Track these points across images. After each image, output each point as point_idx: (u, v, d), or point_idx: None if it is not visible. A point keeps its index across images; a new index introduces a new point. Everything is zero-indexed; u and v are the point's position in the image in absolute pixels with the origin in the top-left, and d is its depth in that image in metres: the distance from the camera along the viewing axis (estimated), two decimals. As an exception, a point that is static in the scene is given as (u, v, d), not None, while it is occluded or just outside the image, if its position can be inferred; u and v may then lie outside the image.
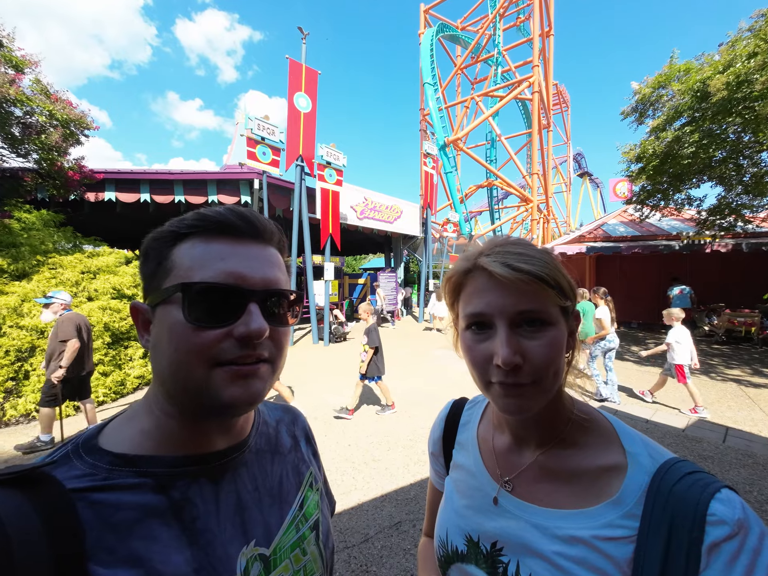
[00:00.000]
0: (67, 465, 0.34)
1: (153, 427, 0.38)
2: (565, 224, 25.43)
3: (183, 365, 0.34)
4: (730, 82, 4.64)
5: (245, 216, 0.39)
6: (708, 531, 0.33)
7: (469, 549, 0.47)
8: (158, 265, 0.37)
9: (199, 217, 0.38)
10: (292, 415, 0.57)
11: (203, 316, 0.34)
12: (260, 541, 0.40)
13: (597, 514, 0.39)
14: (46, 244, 4.87)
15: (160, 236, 0.38)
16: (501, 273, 0.38)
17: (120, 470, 0.34)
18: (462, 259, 0.45)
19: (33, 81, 5.08)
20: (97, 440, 0.37)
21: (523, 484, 0.46)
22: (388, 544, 1.95)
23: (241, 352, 0.35)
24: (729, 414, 3.71)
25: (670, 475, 0.37)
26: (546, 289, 0.39)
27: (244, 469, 0.42)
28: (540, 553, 0.40)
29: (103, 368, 4.28)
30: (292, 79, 7.53)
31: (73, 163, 5.77)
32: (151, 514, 0.34)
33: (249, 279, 0.36)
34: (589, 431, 0.45)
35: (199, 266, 0.35)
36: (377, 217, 10.93)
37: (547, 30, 16.15)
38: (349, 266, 28.04)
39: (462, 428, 0.58)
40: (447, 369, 5.73)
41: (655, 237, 8.42)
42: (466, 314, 0.43)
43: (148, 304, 0.38)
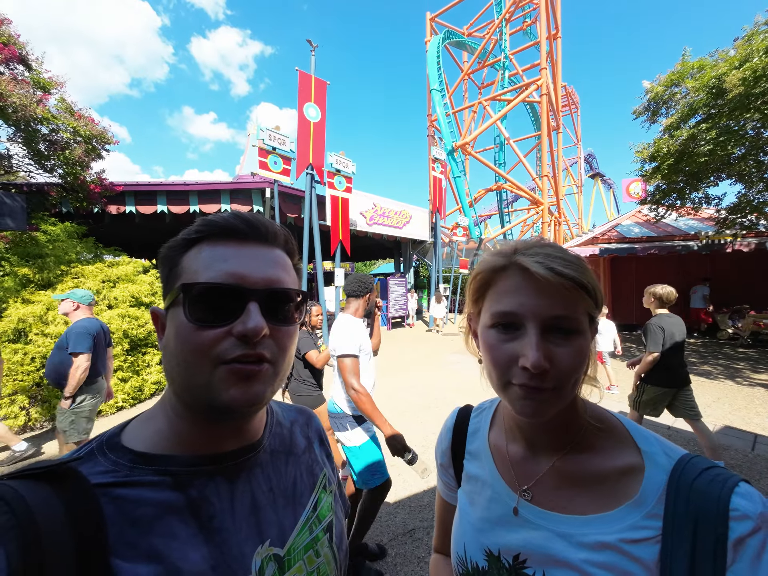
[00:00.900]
0: (92, 461, 0.35)
1: (167, 428, 0.39)
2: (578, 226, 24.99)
3: (188, 364, 0.35)
4: (747, 77, 4.52)
5: (248, 219, 0.40)
6: (732, 527, 0.33)
7: (490, 564, 0.45)
8: (170, 270, 0.39)
9: (205, 222, 0.39)
10: (306, 417, 0.58)
11: (203, 316, 0.35)
12: (275, 542, 0.40)
13: (620, 517, 0.39)
14: (69, 255, 5.08)
15: (174, 244, 0.40)
16: (543, 274, 0.37)
17: (141, 468, 0.35)
18: (495, 255, 0.44)
19: (58, 100, 5.35)
20: (120, 438, 0.38)
21: (542, 492, 0.45)
22: (402, 551, 1.93)
23: (241, 351, 0.35)
24: (757, 420, 3.54)
25: (687, 472, 0.37)
26: (583, 296, 0.39)
27: (259, 469, 0.43)
28: (567, 563, 0.39)
29: (122, 374, 4.40)
30: (301, 90, 7.71)
31: (94, 176, 6.03)
32: (170, 511, 0.34)
33: (249, 278, 0.37)
34: (604, 434, 0.45)
35: (204, 269, 0.37)
36: (386, 223, 10.99)
37: (554, 32, 16.10)
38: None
39: (471, 437, 0.56)
40: (457, 374, 5.67)
41: (672, 237, 8.19)
42: (494, 312, 0.42)
43: (164, 308, 0.40)
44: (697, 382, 4.90)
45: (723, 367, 5.67)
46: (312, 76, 7.88)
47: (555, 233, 15.54)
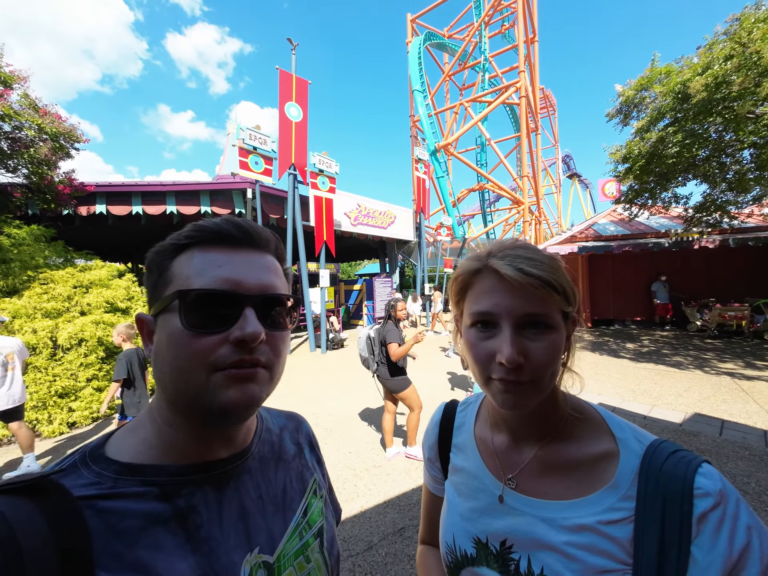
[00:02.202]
0: (75, 473, 0.34)
1: (155, 437, 0.38)
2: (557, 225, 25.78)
3: (183, 371, 0.35)
4: (709, 83, 4.79)
5: (241, 225, 0.39)
6: (696, 503, 0.36)
7: (478, 551, 0.47)
8: (159, 276, 0.38)
9: (196, 228, 0.39)
10: (295, 422, 0.57)
11: (200, 322, 0.35)
12: (264, 549, 0.40)
13: (598, 501, 0.41)
14: (36, 260, 4.81)
15: (162, 249, 0.39)
16: (512, 276, 0.40)
17: (126, 479, 0.35)
18: (471, 259, 0.46)
19: (21, 96, 5.06)
20: (104, 449, 0.37)
21: (526, 480, 0.47)
22: (392, 550, 1.94)
23: (238, 356, 0.35)
24: (724, 407, 3.75)
25: (657, 456, 0.41)
26: (552, 294, 0.41)
27: (248, 476, 0.42)
28: (550, 545, 0.42)
29: (97, 383, 4.21)
30: (282, 89, 7.60)
31: (63, 176, 5.74)
32: (156, 522, 0.34)
33: (244, 284, 0.37)
34: (582, 423, 0.47)
35: (197, 274, 0.36)
36: (371, 223, 10.98)
37: (532, 36, 16.56)
38: (344, 272, 28.01)
39: (457, 431, 0.58)
40: (444, 372, 5.73)
41: (644, 235, 8.57)
42: (473, 312, 0.44)
43: (151, 314, 0.39)
44: (669, 372, 5.16)
45: (692, 357, 5.99)
46: (293, 75, 7.78)
47: (536, 232, 15.98)
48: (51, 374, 3.92)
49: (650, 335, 8.27)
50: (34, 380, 3.81)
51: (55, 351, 4.07)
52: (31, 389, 3.75)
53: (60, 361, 4.05)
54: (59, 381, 3.92)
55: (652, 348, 6.92)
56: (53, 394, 3.85)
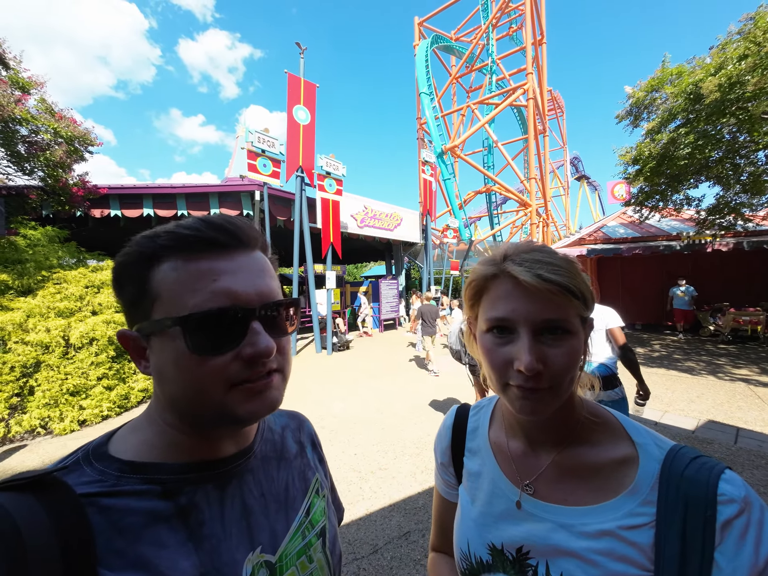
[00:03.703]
0: (78, 471, 0.34)
1: (157, 438, 0.38)
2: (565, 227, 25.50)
3: (197, 392, 0.34)
4: (723, 83, 4.70)
5: (223, 227, 0.36)
6: (720, 510, 0.36)
7: (494, 558, 0.46)
8: (139, 291, 0.35)
9: (173, 236, 0.35)
10: (297, 422, 0.57)
11: (208, 344, 0.34)
12: (266, 548, 0.40)
13: (618, 506, 0.41)
14: (50, 260, 4.92)
15: (132, 260, 0.35)
16: (530, 282, 0.39)
17: (128, 477, 0.35)
18: (487, 263, 0.45)
19: (38, 101, 5.20)
20: (107, 448, 0.37)
21: (543, 486, 0.46)
22: (398, 554, 1.92)
23: (251, 370, 0.35)
24: (739, 414, 3.65)
25: (678, 461, 0.40)
26: (571, 299, 0.40)
27: (250, 475, 0.42)
28: (570, 551, 0.41)
29: (107, 382, 4.27)
30: (290, 92, 7.69)
31: (77, 179, 5.87)
32: (159, 519, 0.34)
33: (243, 296, 0.35)
34: (600, 428, 0.46)
35: (189, 291, 0.34)
36: (377, 225, 11.01)
37: (540, 38, 16.47)
38: (350, 274, 28.08)
39: (471, 435, 0.58)
40: (450, 376, 5.70)
41: (655, 238, 8.43)
42: (489, 317, 0.43)
43: (137, 331, 0.36)
44: (681, 378, 5.05)
45: (705, 363, 5.85)
46: (301, 78, 7.87)
47: (543, 234, 15.83)
48: (63, 372, 3.99)
49: (661, 340, 8.11)
50: (47, 378, 3.89)
51: (68, 350, 4.15)
52: (44, 387, 3.82)
53: (72, 359, 4.13)
54: (71, 379, 3.99)
55: (663, 353, 6.79)
56: (65, 392, 3.93)
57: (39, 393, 3.80)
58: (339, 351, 8.27)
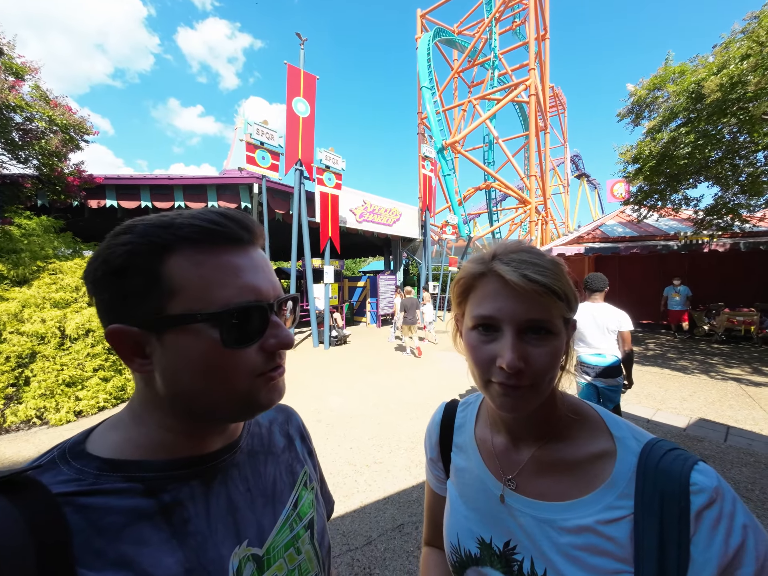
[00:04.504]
0: (54, 470, 0.33)
1: (142, 436, 0.37)
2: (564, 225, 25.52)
3: (224, 385, 0.35)
4: (724, 83, 4.69)
5: (241, 222, 0.37)
6: (692, 500, 0.37)
7: (482, 551, 0.48)
8: (150, 283, 0.33)
9: (195, 229, 0.34)
10: (285, 415, 0.57)
11: (238, 338, 0.35)
12: (253, 542, 0.40)
13: (596, 500, 0.42)
14: (46, 250, 4.87)
15: (142, 250, 0.33)
16: (517, 282, 0.40)
17: (108, 475, 0.34)
18: (475, 262, 0.46)
19: (32, 87, 5.10)
20: (85, 445, 0.36)
21: (525, 480, 0.47)
22: (391, 546, 1.95)
23: (271, 362, 0.37)
24: (730, 413, 3.71)
25: (653, 454, 0.41)
26: (556, 301, 0.41)
27: (236, 470, 0.42)
28: (551, 547, 0.42)
29: (103, 373, 4.27)
30: (290, 84, 7.59)
31: (72, 168, 5.79)
32: (141, 517, 0.34)
33: (264, 292, 0.37)
34: (580, 423, 0.48)
35: (216, 285, 0.34)
36: (376, 220, 10.97)
37: (543, 33, 16.32)
38: (348, 269, 28.05)
39: (458, 431, 0.59)
40: (445, 371, 5.73)
41: (653, 237, 8.46)
42: (475, 315, 0.44)
43: (138, 325, 0.33)
44: (674, 376, 5.10)
45: (699, 362, 5.92)
46: (301, 70, 7.77)
47: (542, 232, 15.83)
48: (59, 363, 3.98)
49: (656, 339, 8.19)
50: (43, 369, 3.88)
51: (63, 341, 4.14)
52: (39, 377, 3.81)
53: (68, 350, 4.11)
54: (66, 370, 3.98)
55: (658, 351, 6.85)
56: (60, 383, 3.92)
57: (35, 383, 3.80)
58: (336, 345, 8.29)
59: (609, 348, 2.56)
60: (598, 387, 2.56)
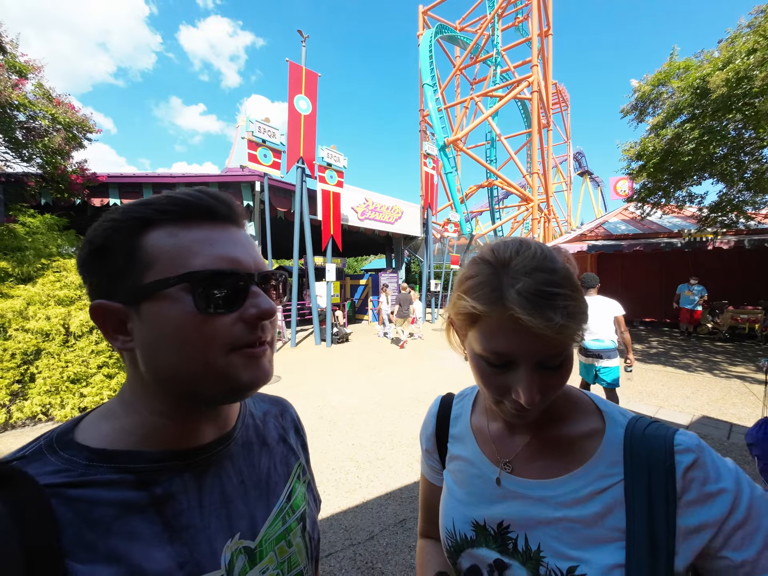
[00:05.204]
0: (41, 460, 0.32)
1: (134, 425, 0.36)
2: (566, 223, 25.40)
3: (200, 355, 0.33)
4: (730, 78, 4.64)
5: (221, 198, 0.37)
6: (677, 458, 0.39)
7: (477, 534, 0.49)
8: (129, 258, 0.33)
9: (171, 200, 0.34)
10: (280, 407, 0.57)
11: (213, 303, 0.33)
12: (245, 534, 0.39)
13: (588, 471, 0.44)
14: (50, 248, 4.90)
15: (122, 226, 0.33)
16: (541, 329, 0.35)
17: (98, 466, 0.33)
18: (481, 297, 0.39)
19: (35, 86, 5.12)
20: (73, 435, 0.35)
21: (521, 463, 0.49)
22: (393, 541, 1.96)
23: (251, 335, 0.35)
24: (733, 411, 3.69)
25: (639, 425, 0.44)
26: (577, 332, 0.38)
27: (230, 462, 0.42)
28: (545, 522, 0.43)
29: (107, 370, 4.30)
30: (292, 81, 7.58)
31: (75, 166, 5.81)
32: (132, 510, 0.33)
33: (244, 263, 0.36)
34: (572, 405, 0.49)
35: (189, 254, 0.33)
36: (378, 218, 10.96)
37: (546, 29, 16.19)
38: (350, 267, 28.06)
39: (454, 422, 0.59)
40: (446, 369, 5.74)
41: (656, 235, 8.41)
42: (486, 348, 0.40)
43: (120, 301, 0.34)
44: (677, 374, 5.08)
45: (702, 360, 5.89)
46: (303, 67, 7.75)
47: (544, 230, 15.77)
48: (63, 360, 4.01)
49: (659, 337, 8.15)
50: (48, 365, 3.91)
51: (68, 338, 4.17)
52: (44, 374, 3.85)
53: (72, 347, 4.15)
54: (71, 367, 4.01)
55: (661, 349, 6.83)
56: (65, 380, 3.95)
57: (40, 380, 3.83)
58: (338, 343, 8.31)
59: (606, 334, 3.03)
60: (596, 368, 3.06)
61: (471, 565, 0.49)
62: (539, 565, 0.42)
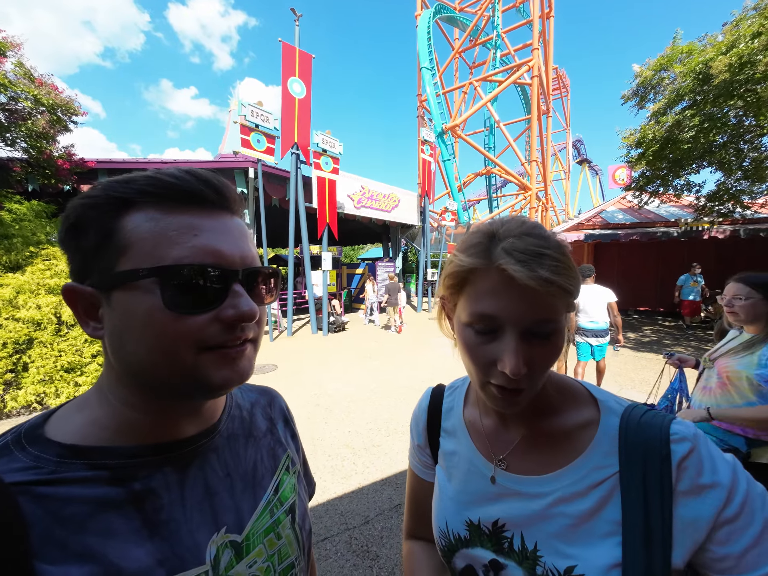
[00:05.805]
0: (7, 457, 0.31)
1: (108, 418, 0.35)
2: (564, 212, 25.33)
3: (166, 353, 0.31)
4: (733, 63, 4.56)
5: (210, 181, 0.34)
6: (673, 448, 0.38)
7: (471, 533, 0.47)
8: (103, 239, 0.31)
9: (153, 182, 0.32)
10: (269, 397, 0.55)
11: (185, 302, 0.31)
12: (231, 528, 0.38)
13: (584, 463, 0.42)
14: (38, 236, 4.79)
15: (99, 203, 0.31)
16: (527, 282, 0.35)
17: (69, 462, 0.31)
18: (473, 253, 0.39)
19: (15, 64, 4.89)
20: (43, 429, 0.33)
21: (516, 459, 0.47)
22: (388, 525, 2.00)
23: (228, 335, 0.33)
24: (722, 397, 3.77)
25: (635, 413, 0.43)
26: (566, 297, 0.37)
27: (214, 455, 0.40)
28: (541, 518, 0.42)
29: (102, 359, 4.28)
30: (285, 63, 7.34)
31: (62, 151, 5.63)
32: (108, 507, 0.31)
33: (228, 257, 0.33)
34: (566, 397, 0.48)
35: (168, 243, 0.31)
36: (375, 206, 10.83)
37: (548, 11, 15.75)
38: (347, 256, 27.92)
39: (446, 415, 0.57)
40: (443, 357, 5.78)
41: (653, 224, 8.41)
42: (473, 312, 0.39)
43: (92, 285, 0.32)
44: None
45: (694, 348, 5.98)
46: (296, 48, 7.49)
47: (542, 219, 15.71)
48: (56, 350, 3.98)
49: (652, 325, 8.25)
50: (41, 355, 3.87)
51: (60, 327, 4.12)
52: (38, 363, 3.82)
53: (65, 337, 4.10)
54: (65, 356, 3.98)
55: (654, 338, 6.92)
56: (59, 369, 3.93)
57: (33, 369, 3.80)
58: (335, 332, 8.33)
59: (601, 316, 3.57)
60: (592, 345, 3.61)
61: (466, 565, 0.48)
62: (536, 565, 0.41)
